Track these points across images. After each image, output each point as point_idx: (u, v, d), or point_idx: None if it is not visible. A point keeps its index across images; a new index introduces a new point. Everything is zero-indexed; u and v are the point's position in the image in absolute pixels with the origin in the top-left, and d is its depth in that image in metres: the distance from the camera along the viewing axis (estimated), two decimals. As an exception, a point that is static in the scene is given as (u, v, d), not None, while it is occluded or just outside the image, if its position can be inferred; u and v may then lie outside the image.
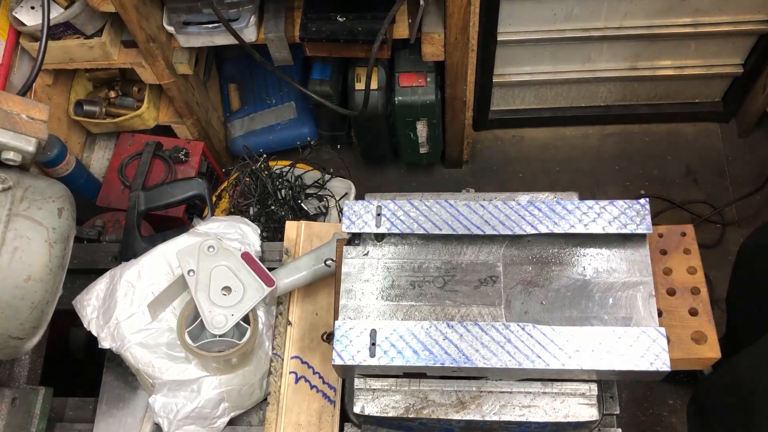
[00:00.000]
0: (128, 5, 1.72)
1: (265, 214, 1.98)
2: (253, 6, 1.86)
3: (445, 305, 0.99)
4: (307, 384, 1.19)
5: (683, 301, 1.01)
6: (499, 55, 2.16)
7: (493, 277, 1.00)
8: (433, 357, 0.92)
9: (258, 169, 2.02)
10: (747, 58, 2.20)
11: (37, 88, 1.99)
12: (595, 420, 0.99)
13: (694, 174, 2.38)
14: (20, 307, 0.95)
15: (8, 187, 0.97)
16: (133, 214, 1.48)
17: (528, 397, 1.00)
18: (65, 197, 1.03)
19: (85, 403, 1.28)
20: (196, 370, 1.13)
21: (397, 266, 1.02)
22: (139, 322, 1.16)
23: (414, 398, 1.01)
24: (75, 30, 1.87)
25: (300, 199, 2.01)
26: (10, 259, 0.94)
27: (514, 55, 2.20)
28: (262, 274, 1.13)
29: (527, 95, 2.39)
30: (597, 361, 0.91)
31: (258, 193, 1.98)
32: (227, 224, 1.28)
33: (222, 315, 1.09)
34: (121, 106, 2.17)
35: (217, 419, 1.16)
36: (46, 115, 1.01)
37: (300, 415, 1.17)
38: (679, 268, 1.04)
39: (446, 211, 1.02)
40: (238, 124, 2.42)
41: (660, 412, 2.08)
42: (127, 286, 1.18)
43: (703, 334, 0.98)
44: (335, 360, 0.93)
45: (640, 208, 1.01)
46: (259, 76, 2.44)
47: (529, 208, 1.01)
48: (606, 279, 0.99)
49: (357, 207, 1.03)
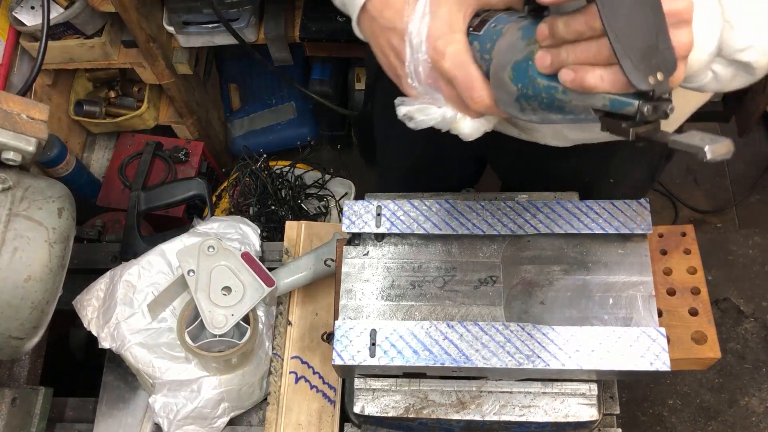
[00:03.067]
0: (128, 5, 1.72)
1: (265, 214, 1.98)
2: (253, 6, 1.86)
3: (445, 305, 0.99)
4: (307, 384, 1.19)
5: (683, 301, 1.01)
6: (499, 55, 2.16)
7: (493, 277, 1.00)
8: (433, 357, 0.92)
9: (258, 169, 2.02)
10: (747, 58, 2.19)
11: (37, 88, 1.99)
12: (595, 420, 0.99)
13: (694, 174, 2.38)
14: (20, 307, 0.95)
15: (8, 187, 0.97)
16: (133, 214, 1.49)
17: (528, 397, 1.00)
18: (65, 197, 1.03)
19: (85, 403, 1.28)
20: (196, 370, 1.13)
21: (397, 266, 1.02)
22: (139, 322, 1.16)
23: (414, 398, 1.01)
24: (75, 30, 1.87)
25: (300, 199, 2.02)
26: (10, 259, 0.94)
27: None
28: (262, 274, 1.13)
29: (527, 95, 2.39)
30: (597, 361, 0.91)
31: (258, 193, 1.98)
32: (227, 224, 1.28)
33: (222, 315, 1.09)
34: (121, 106, 2.17)
35: (217, 419, 1.16)
36: (46, 115, 1.01)
37: (300, 415, 1.17)
38: (679, 268, 1.04)
39: (446, 211, 1.02)
40: (238, 124, 2.42)
41: (660, 412, 2.08)
42: (127, 286, 1.18)
43: (703, 334, 0.98)
44: (335, 360, 0.93)
45: (640, 208, 1.01)
46: (259, 76, 2.44)
47: (529, 208, 1.02)
48: (606, 279, 0.99)
49: (357, 207, 1.04)
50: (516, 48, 0.67)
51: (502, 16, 0.72)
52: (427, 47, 0.72)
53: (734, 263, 2.25)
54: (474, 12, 0.74)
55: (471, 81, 0.71)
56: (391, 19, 0.76)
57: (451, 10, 0.72)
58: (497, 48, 0.69)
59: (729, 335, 2.15)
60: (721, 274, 2.22)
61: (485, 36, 0.72)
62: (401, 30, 0.75)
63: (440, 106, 0.76)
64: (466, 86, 0.71)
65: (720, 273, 2.22)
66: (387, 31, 0.77)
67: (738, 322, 2.17)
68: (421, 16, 0.73)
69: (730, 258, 2.26)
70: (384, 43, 0.78)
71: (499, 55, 0.69)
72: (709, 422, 2.06)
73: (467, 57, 0.72)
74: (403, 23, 0.74)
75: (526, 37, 0.67)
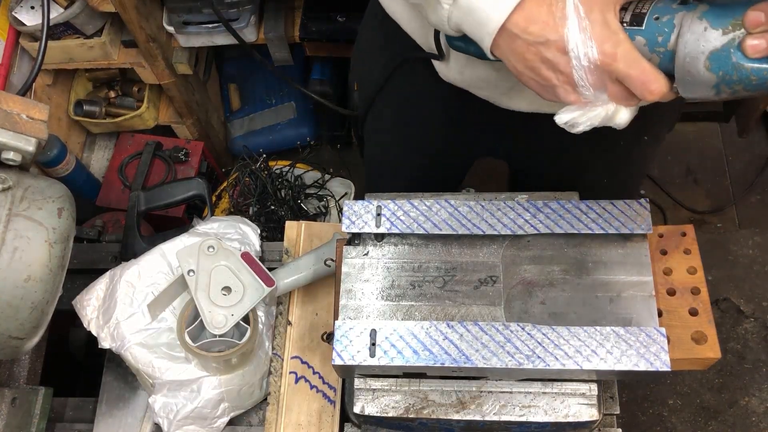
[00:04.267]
0: (128, 5, 1.72)
1: (265, 214, 1.98)
2: (253, 6, 1.86)
3: (445, 305, 0.99)
4: (307, 384, 1.19)
5: (683, 301, 1.01)
6: (500, 55, 2.16)
7: (493, 277, 1.00)
8: (433, 357, 0.92)
9: (258, 169, 2.02)
10: (747, 58, 2.19)
11: (37, 88, 1.99)
12: (595, 420, 0.99)
13: (694, 174, 2.38)
14: (20, 307, 0.95)
15: (8, 187, 0.97)
16: (133, 214, 1.48)
17: (528, 397, 1.00)
18: (65, 197, 1.03)
19: (85, 403, 1.28)
20: (196, 370, 1.13)
21: (397, 266, 1.01)
22: (139, 322, 1.16)
23: (414, 398, 1.01)
24: (75, 30, 1.87)
25: (300, 199, 2.02)
26: (10, 259, 0.94)
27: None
28: (262, 274, 1.13)
29: (527, 95, 2.39)
30: (597, 361, 0.91)
31: (257, 193, 1.98)
32: (227, 224, 1.28)
33: (222, 315, 1.09)
34: (121, 106, 2.17)
35: (217, 419, 1.16)
36: (46, 115, 1.01)
37: (300, 415, 1.17)
38: (679, 268, 1.03)
39: (446, 211, 1.02)
40: (238, 124, 2.42)
41: (660, 412, 2.08)
42: (127, 286, 1.18)
43: (703, 334, 0.98)
44: (335, 360, 0.93)
45: (640, 208, 1.01)
46: (259, 76, 2.44)
47: (529, 208, 1.02)
48: (606, 279, 0.99)
49: (357, 207, 1.03)
50: (709, 38, 0.71)
51: (657, 7, 0.76)
52: (599, 53, 0.74)
53: (734, 263, 2.25)
54: (621, 6, 0.77)
55: (647, 75, 0.75)
56: (539, 33, 0.76)
57: (603, 11, 0.74)
58: (681, 41, 0.73)
59: (729, 335, 2.15)
60: (721, 274, 2.22)
61: (651, 30, 0.76)
62: (555, 41, 0.75)
63: (601, 105, 0.79)
64: (643, 81, 0.75)
65: (720, 273, 2.22)
66: (536, 46, 0.77)
67: (738, 322, 2.17)
68: (579, 25, 0.74)
69: (730, 258, 2.26)
70: (532, 57, 0.78)
71: (686, 47, 0.73)
72: (709, 422, 2.06)
73: (637, 54, 0.75)
74: (558, 35, 0.75)
75: (717, 26, 0.71)
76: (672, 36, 0.74)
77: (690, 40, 0.72)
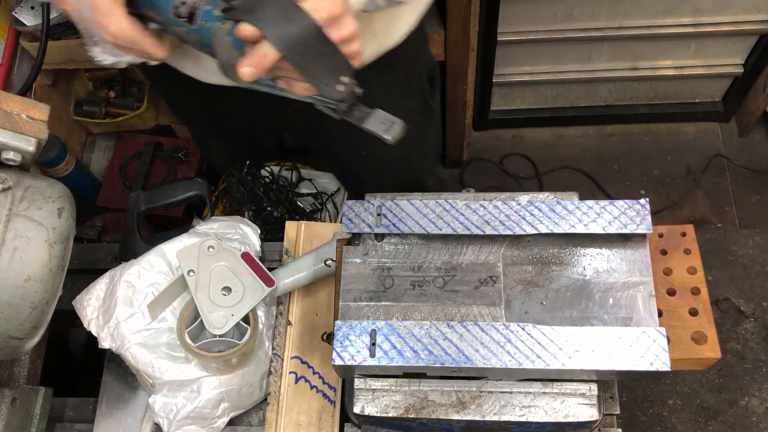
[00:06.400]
0: (128, 5, 1.71)
1: (262, 216, 1.98)
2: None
3: (445, 305, 0.99)
4: (307, 384, 1.19)
5: (683, 301, 1.01)
6: (499, 55, 2.16)
7: (493, 277, 1.00)
8: (433, 357, 0.92)
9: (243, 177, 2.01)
10: (747, 57, 2.20)
11: (37, 88, 1.99)
12: (595, 420, 0.99)
13: (694, 174, 2.38)
14: (20, 307, 0.95)
15: (8, 187, 0.97)
16: (133, 214, 1.48)
17: (528, 397, 1.00)
18: (65, 197, 1.03)
19: (85, 403, 1.28)
20: (196, 370, 1.13)
21: (397, 266, 1.02)
22: (139, 322, 1.15)
23: (414, 398, 1.01)
24: (75, 30, 1.86)
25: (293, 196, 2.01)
26: (10, 259, 0.94)
27: (514, 55, 2.20)
28: (262, 274, 1.13)
29: (527, 95, 2.39)
30: (597, 361, 0.91)
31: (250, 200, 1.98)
32: (227, 224, 1.28)
33: (222, 315, 1.09)
34: (121, 106, 2.17)
35: (217, 419, 1.16)
36: (46, 115, 1.01)
37: (300, 415, 1.17)
38: (679, 268, 1.04)
39: (446, 211, 1.02)
40: (238, 124, 2.41)
41: (660, 412, 2.08)
42: (127, 286, 1.18)
43: (703, 334, 0.98)
44: (335, 360, 0.93)
45: (640, 208, 1.01)
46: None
47: (529, 208, 1.01)
48: (606, 279, 0.99)
49: (357, 207, 1.04)
50: (231, 54, 0.84)
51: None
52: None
53: (734, 263, 2.25)
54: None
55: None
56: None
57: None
58: (214, 46, 0.86)
59: (729, 335, 2.15)
60: (721, 274, 2.22)
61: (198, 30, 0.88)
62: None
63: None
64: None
65: (720, 273, 2.22)
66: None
67: (738, 322, 2.17)
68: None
69: (730, 258, 2.26)
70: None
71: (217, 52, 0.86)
72: (709, 422, 2.06)
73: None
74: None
75: (236, 48, 0.84)
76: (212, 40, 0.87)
77: (221, 50, 0.85)
